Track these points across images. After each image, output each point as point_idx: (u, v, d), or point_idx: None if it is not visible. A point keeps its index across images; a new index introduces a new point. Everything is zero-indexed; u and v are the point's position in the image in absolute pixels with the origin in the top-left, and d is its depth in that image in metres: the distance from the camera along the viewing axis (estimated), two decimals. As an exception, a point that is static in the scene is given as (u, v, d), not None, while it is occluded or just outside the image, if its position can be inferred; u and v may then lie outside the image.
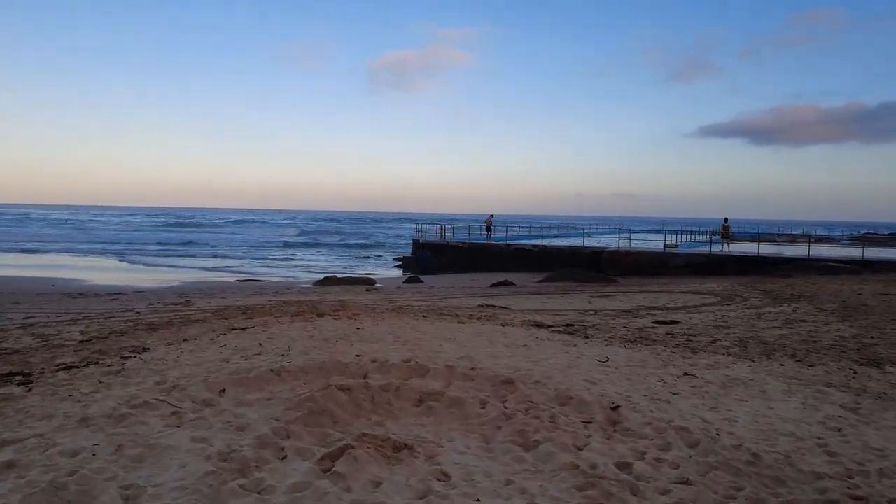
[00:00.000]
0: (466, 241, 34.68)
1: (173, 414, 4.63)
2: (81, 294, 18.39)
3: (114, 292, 19.07)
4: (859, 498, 3.61)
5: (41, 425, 4.45)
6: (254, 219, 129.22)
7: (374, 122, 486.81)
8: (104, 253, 43.02)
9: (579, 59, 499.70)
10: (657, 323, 11.33)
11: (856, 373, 7.07)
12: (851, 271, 24.97)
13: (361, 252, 51.44)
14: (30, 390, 5.54)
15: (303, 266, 37.43)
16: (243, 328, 9.20)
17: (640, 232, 45.27)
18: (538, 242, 33.54)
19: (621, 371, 6.75)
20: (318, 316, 10.48)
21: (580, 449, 4.21)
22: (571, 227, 55.32)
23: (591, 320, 11.53)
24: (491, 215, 36.14)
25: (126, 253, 43.28)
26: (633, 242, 32.70)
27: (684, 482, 3.72)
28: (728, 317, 12.11)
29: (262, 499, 3.34)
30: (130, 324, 11.19)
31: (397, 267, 36.69)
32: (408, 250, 45.61)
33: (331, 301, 14.60)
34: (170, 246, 51.62)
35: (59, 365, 6.84)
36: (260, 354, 6.79)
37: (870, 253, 29.02)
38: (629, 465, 3.94)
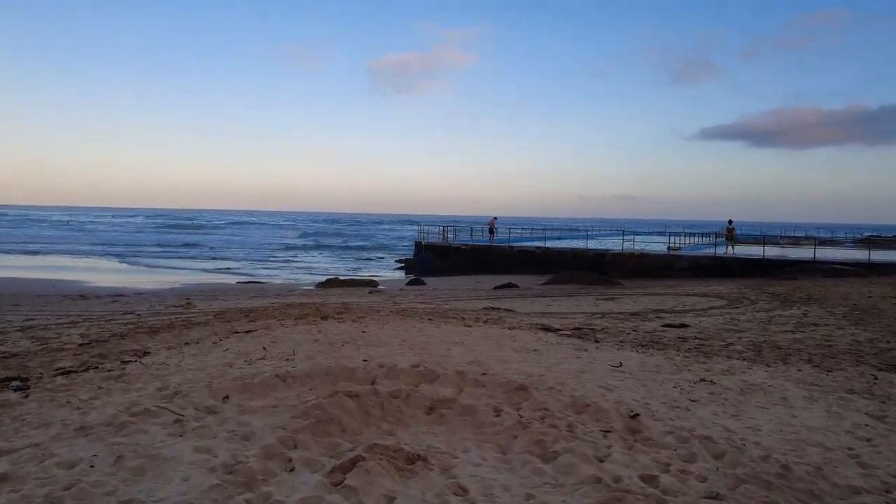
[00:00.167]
0: (469, 242, 34.48)
1: (175, 422, 4.45)
2: (82, 296, 18.22)
3: (114, 294, 18.91)
4: (900, 514, 3.42)
5: (38, 434, 4.27)
6: (254, 220, 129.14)
7: (375, 123, 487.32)
8: (104, 254, 42.87)
9: (580, 60, 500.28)
10: (666, 326, 11.14)
11: (876, 379, 6.87)
12: (857, 274, 24.75)
13: (363, 254, 51.27)
14: (27, 396, 5.36)
15: (304, 268, 37.25)
16: (246, 331, 9.01)
17: (643, 234, 45.05)
18: (541, 244, 33.36)
19: (636, 376, 6.56)
20: (322, 319, 10.29)
21: (601, 460, 4.02)
22: (573, 230, 55.13)
23: (600, 324, 11.34)
24: (494, 217, 35.89)
25: (127, 254, 43.13)
26: (635, 245, 32.49)
27: (714, 497, 3.53)
28: (738, 320, 11.92)
29: (270, 515, 3.16)
30: (131, 326, 11.01)
31: (399, 269, 36.50)
32: (409, 252, 45.42)
33: (334, 303, 14.41)
34: (170, 247, 51.46)
35: (57, 369, 6.65)
36: (264, 359, 6.60)
37: (876, 255, 28.84)
38: (654, 477, 3.75)
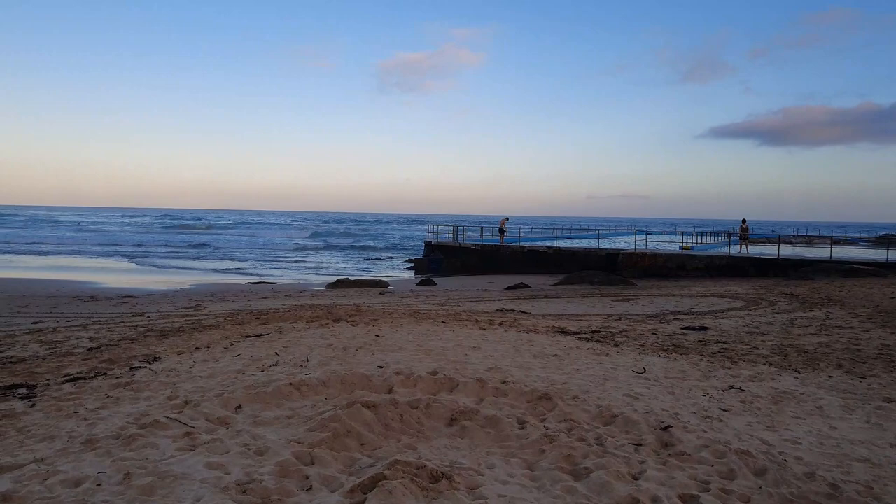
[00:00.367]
0: (479, 242, 34.22)
1: (186, 435, 4.25)
2: (92, 297, 18.12)
3: (124, 295, 18.80)
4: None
5: (42, 448, 4.08)
6: (263, 220, 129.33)
7: (383, 123, 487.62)
8: (114, 255, 42.92)
9: (589, 59, 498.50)
10: (686, 329, 10.87)
11: (912, 386, 6.59)
12: (875, 274, 24.30)
13: (372, 254, 51.11)
14: (33, 405, 5.18)
15: (314, 268, 37.12)
16: (257, 335, 8.83)
17: (653, 233, 44.68)
18: (552, 244, 33.06)
19: (661, 384, 6.32)
20: (334, 322, 10.10)
21: (636, 478, 3.79)
22: (584, 229, 54.77)
23: (617, 326, 11.08)
24: (506, 218, 35.56)
25: (136, 255, 43.16)
26: (647, 244, 32.14)
27: (761, 520, 3.30)
28: (759, 322, 11.63)
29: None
30: (141, 329, 10.85)
31: (409, 269, 36.28)
32: (419, 252, 45.21)
33: (346, 305, 14.22)
34: (179, 248, 51.49)
35: (65, 376, 6.48)
36: (277, 365, 6.41)
37: (895, 255, 28.32)
38: (695, 497, 3.52)
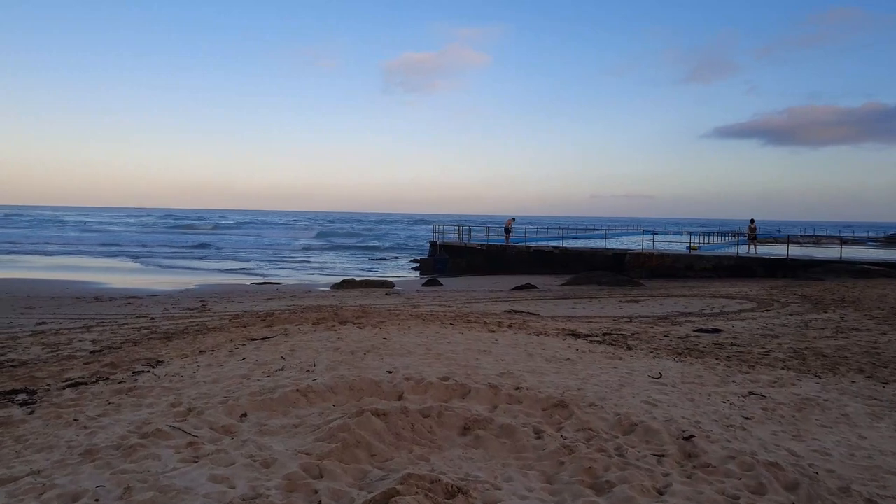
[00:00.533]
0: (485, 242, 34.03)
1: (189, 445, 4.08)
2: (96, 298, 18.00)
3: (128, 296, 18.68)
4: None
5: (40, 459, 3.91)
6: (268, 220, 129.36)
7: (389, 124, 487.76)
8: (118, 255, 42.88)
9: (593, 59, 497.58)
10: (699, 331, 10.67)
11: (938, 392, 6.38)
12: (886, 274, 24.03)
13: (377, 254, 50.97)
14: (32, 412, 5.02)
15: (319, 268, 36.98)
16: (263, 338, 8.66)
17: (659, 233, 44.42)
18: (558, 244, 32.84)
19: (679, 389, 6.12)
20: (340, 324, 9.93)
21: (661, 492, 3.60)
22: (588, 229, 54.51)
23: (629, 328, 10.88)
24: (512, 218, 35.33)
25: (141, 255, 43.10)
26: (654, 244, 31.90)
27: (798, 540, 3.11)
28: (773, 324, 11.41)
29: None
30: (144, 331, 10.71)
31: (414, 269, 36.11)
32: (423, 252, 45.04)
33: (352, 306, 14.06)
34: (184, 248, 51.43)
35: (66, 381, 6.32)
36: (283, 370, 6.24)
37: (904, 255, 28.00)
38: (725, 515, 3.33)
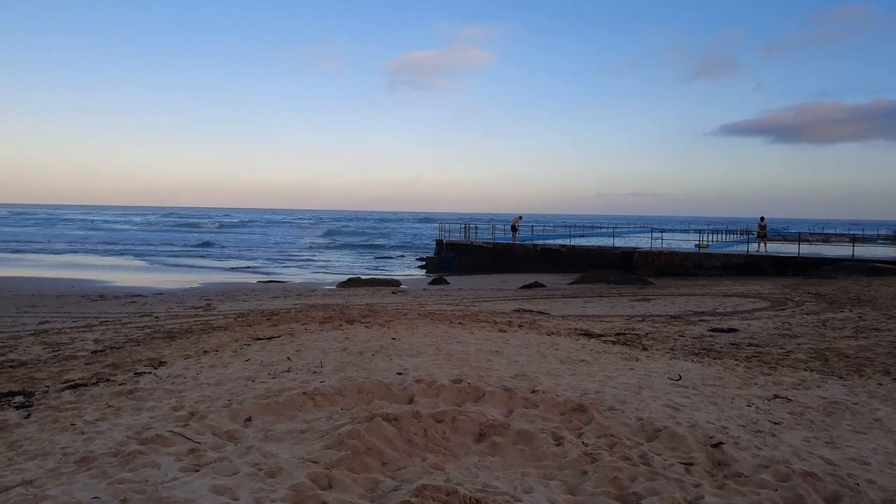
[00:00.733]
0: (491, 241, 33.78)
1: (191, 452, 3.87)
2: (101, 296, 17.87)
3: (133, 294, 18.53)
4: None
5: (33, 467, 3.70)
6: (274, 219, 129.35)
7: (393, 122, 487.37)
8: (124, 253, 42.82)
9: (599, 57, 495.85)
10: (714, 331, 10.41)
11: (971, 394, 6.12)
12: (898, 273, 23.70)
13: (383, 252, 50.80)
14: (28, 416, 4.82)
15: (325, 267, 36.83)
16: (268, 337, 8.46)
17: (667, 231, 44.08)
18: (565, 242, 32.56)
19: (701, 392, 5.88)
20: (347, 323, 9.72)
21: (693, 505, 3.37)
22: (595, 227, 54.18)
23: (642, 328, 10.64)
24: (519, 216, 35.05)
25: (146, 253, 43.04)
26: (662, 242, 31.59)
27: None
28: (790, 324, 11.14)
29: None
30: (148, 331, 10.52)
31: (420, 267, 35.90)
32: (429, 250, 44.83)
33: (358, 305, 13.85)
34: (189, 246, 51.37)
35: (65, 382, 6.13)
36: (289, 371, 6.02)
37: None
38: (765, 531, 3.09)
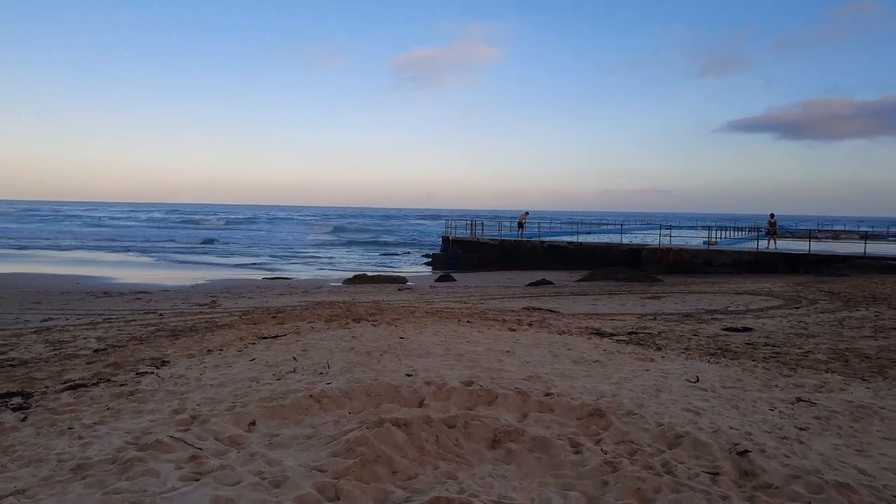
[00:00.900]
0: (498, 237, 33.56)
1: (192, 459, 3.69)
2: (105, 293, 17.76)
3: (139, 291, 18.41)
4: None
5: (26, 475, 3.53)
6: (280, 215, 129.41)
7: (399, 119, 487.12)
8: (130, 249, 42.80)
9: (608, 54, 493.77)
10: (728, 330, 10.19)
11: None
12: (912, 270, 23.38)
13: (389, 249, 50.63)
14: (25, 419, 4.66)
15: (331, 263, 36.69)
16: (274, 336, 8.29)
17: (675, 228, 43.80)
18: (572, 239, 32.31)
19: (720, 395, 5.67)
20: (354, 321, 9.54)
21: (723, 519, 3.17)
22: (603, 224, 53.88)
23: (654, 326, 10.42)
24: (526, 212, 34.82)
25: (152, 250, 42.99)
26: (670, 239, 31.31)
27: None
28: (805, 323, 10.91)
29: None
30: (152, 328, 10.37)
31: (426, 264, 35.73)
32: (434, 247, 44.67)
33: (365, 302, 13.68)
34: (195, 243, 51.34)
35: (65, 382, 5.97)
36: (295, 372, 5.85)
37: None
38: (803, 549, 2.89)
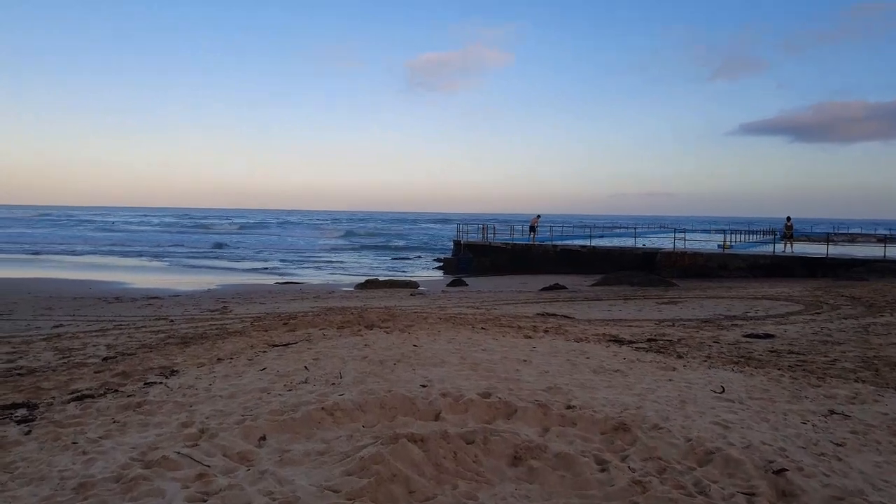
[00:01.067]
0: (510, 241, 33.34)
1: (199, 477, 3.52)
2: (117, 298, 17.73)
3: (150, 296, 18.37)
4: None
5: (26, 494, 3.38)
6: (291, 220, 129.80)
7: (411, 123, 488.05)
8: (142, 254, 42.96)
9: (618, 57, 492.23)
10: (749, 337, 9.92)
11: None
12: (934, 274, 22.93)
13: (400, 253, 50.52)
14: (29, 432, 4.52)
15: (342, 268, 36.61)
16: (285, 344, 8.13)
17: (688, 231, 43.39)
18: (585, 243, 32.03)
19: (749, 407, 5.43)
20: (366, 328, 9.37)
21: (764, 547, 2.96)
22: (615, 227, 53.50)
23: (673, 333, 10.17)
24: (538, 216, 34.58)
25: (164, 255, 43.14)
26: (684, 243, 30.96)
27: None
28: (829, 329, 10.62)
29: None
30: (162, 335, 10.26)
31: (438, 269, 35.56)
32: (446, 251, 44.50)
33: (377, 308, 13.52)
34: (207, 248, 51.47)
35: (72, 393, 5.83)
36: (306, 382, 5.68)
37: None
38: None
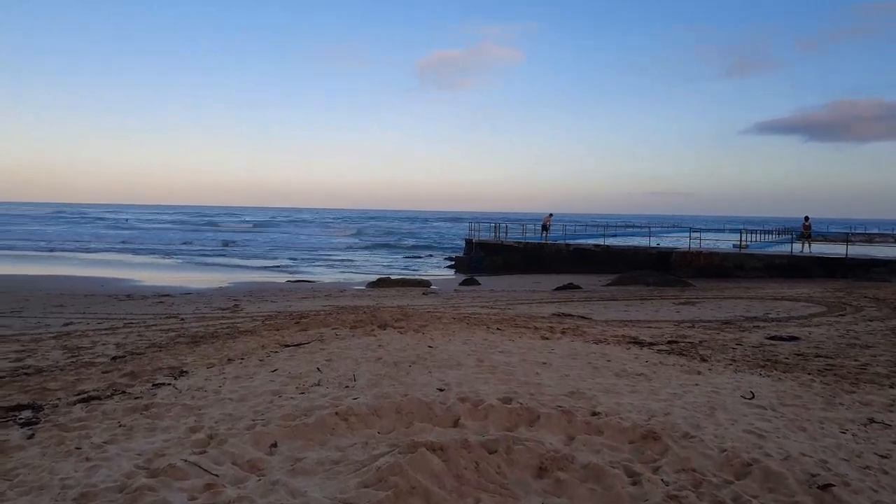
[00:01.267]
0: (522, 240, 33.05)
1: (207, 488, 3.33)
2: (128, 296, 17.65)
3: (161, 294, 18.28)
4: None
5: (25, 505, 3.20)
6: (302, 218, 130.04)
7: (420, 122, 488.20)
8: (155, 252, 43.05)
9: (631, 55, 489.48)
10: (773, 339, 9.62)
11: None
12: (957, 275, 22.44)
13: (412, 252, 50.34)
14: (32, 436, 4.35)
15: (354, 266, 36.48)
16: (297, 344, 7.95)
17: (703, 230, 42.88)
18: (599, 242, 31.69)
19: (782, 414, 5.17)
20: (379, 328, 9.17)
21: (817, 572, 2.72)
22: (628, 226, 53.05)
23: (694, 335, 9.90)
24: (550, 214, 34.29)
25: (177, 252, 43.22)
26: (701, 242, 30.54)
27: None
28: (855, 332, 10.29)
29: None
30: (172, 334, 10.11)
31: (449, 267, 35.34)
32: (457, 250, 44.29)
33: (389, 307, 13.32)
34: (219, 245, 51.55)
35: (78, 394, 5.67)
36: (319, 385, 5.48)
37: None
38: None
